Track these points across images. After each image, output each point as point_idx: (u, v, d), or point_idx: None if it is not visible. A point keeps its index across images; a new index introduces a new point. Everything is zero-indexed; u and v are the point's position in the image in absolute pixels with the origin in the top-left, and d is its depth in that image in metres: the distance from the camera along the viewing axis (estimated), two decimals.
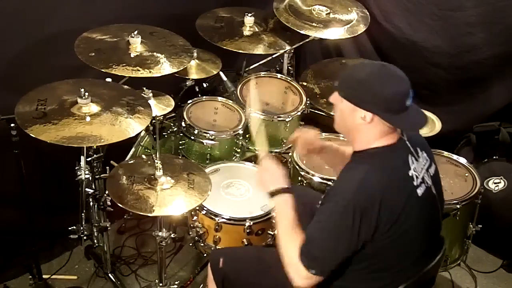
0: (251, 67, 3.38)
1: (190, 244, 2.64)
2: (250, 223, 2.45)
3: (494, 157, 3.18)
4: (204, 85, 3.18)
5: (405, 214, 1.83)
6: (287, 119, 2.99)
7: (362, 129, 1.89)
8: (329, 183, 2.60)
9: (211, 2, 3.31)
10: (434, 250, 2.04)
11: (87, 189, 2.54)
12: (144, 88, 2.71)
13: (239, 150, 2.97)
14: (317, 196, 2.12)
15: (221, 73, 3.11)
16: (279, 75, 3.26)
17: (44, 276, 2.79)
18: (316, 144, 2.35)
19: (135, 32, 2.62)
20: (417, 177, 1.89)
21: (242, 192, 2.65)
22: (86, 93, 2.28)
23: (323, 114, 3.14)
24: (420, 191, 1.89)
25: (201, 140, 2.85)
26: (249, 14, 3.13)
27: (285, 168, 2.23)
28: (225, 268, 2.23)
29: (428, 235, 1.98)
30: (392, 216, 1.81)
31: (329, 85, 3.19)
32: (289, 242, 1.88)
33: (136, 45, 2.62)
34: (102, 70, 2.47)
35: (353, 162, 1.95)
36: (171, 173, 2.38)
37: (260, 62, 3.34)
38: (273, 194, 1.97)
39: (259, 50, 3.07)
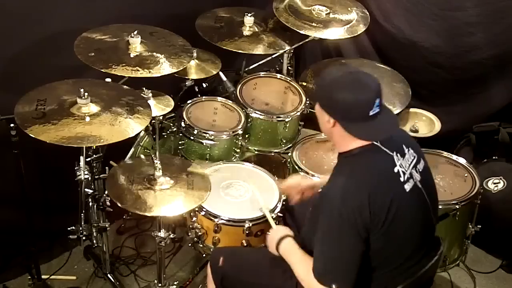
0: (251, 67, 3.37)
1: (189, 245, 2.64)
2: (249, 224, 2.45)
3: (494, 157, 3.19)
4: (204, 85, 3.17)
5: (394, 209, 1.85)
6: (287, 119, 2.99)
7: (332, 132, 1.92)
8: None
9: (211, 2, 3.30)
10: (429, 248, 2.05)
11: (86, 189, 2.54)
12: (144, 88, 2.71)
13: (238, 150, 2.96)
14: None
15: (220, 73, 3.11)
16: (278, 75, 3.25)
17: (43, 277, 2.79)
18: (304, 185, 2.41)
19: (135, 32, 2.61)
20: (404, 173, 1.91)
21: (241, 193, 2.64)
22: (86, 93, 2.28)
23: None
24: (408, 187, 1.91)
25: (201, 140, 2.84)
26: (249, 14, 3.13)
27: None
28: (224, 267, 2.24)
29: (420, 230, 1.99)
30: (382, 212, 1.83)
31: None
32: (304, 268, 1.93)
33: (136, 45, 2.62)
34: (102, 70, 2.47)
35: (337, 165, 1.99)
36: (171, 173, 2.38)
37: (260, 62, 3.34)
38: (278, 246, 2.09)
39: (259, 50, 3.07)
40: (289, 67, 3.38)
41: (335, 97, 1.86)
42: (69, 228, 2.62)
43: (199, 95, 3.10)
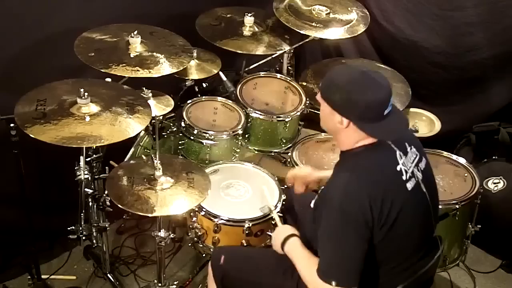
0: (251, 67, 3.37)
1: (189, 245, 2.64)
2: (249, 224, 2.45)
3: (494, 157, 3.18)
4: (204, 85, 3.17)
5: (397, 208, 1.85)
6: (287, 119, 2.99)
7: (341, 132, 1.91)
8: None
9: (211, 2, 3.30)
10: (429, 247, 2.05)
11: (86, 189, 2.54)
12: (144, 88, 2.71)
13: (238, 150, 2.96)
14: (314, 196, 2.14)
15: (220, 73, 3.11)
16: (278, 75, 3.25)
17: (43, 276, 2.79)
18: (311, 178, 2.41)
19: (135, 32, 2.61)
20: (406, 172, 1.91)
21: (241, 193, 2.64)
22: (86, 93, 2.27)
23: None
24: (410, 185, 1.91)
25: (201, 140, 2.84)
26: (249, 14, 3.12)
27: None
28: (225, 265, 2.24)
29: (420, 229, 1.99)
30: (384, 211, 1.83)
31: None
32: (308, 267, 1.92)
33: (136, 45, 2.62)
34: (102, 70, 2.47)
35: (339, 164, 1.98)
36: (171, 173, 2.38)
37: (260, 62, 3.34)
38: (283, 245, 2.08)
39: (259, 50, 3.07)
40: (289, 67, 3.38)
41: (354, 98, 1.84)
42: (69, 228, 2.62)
43: (199, 95, 3.10)
